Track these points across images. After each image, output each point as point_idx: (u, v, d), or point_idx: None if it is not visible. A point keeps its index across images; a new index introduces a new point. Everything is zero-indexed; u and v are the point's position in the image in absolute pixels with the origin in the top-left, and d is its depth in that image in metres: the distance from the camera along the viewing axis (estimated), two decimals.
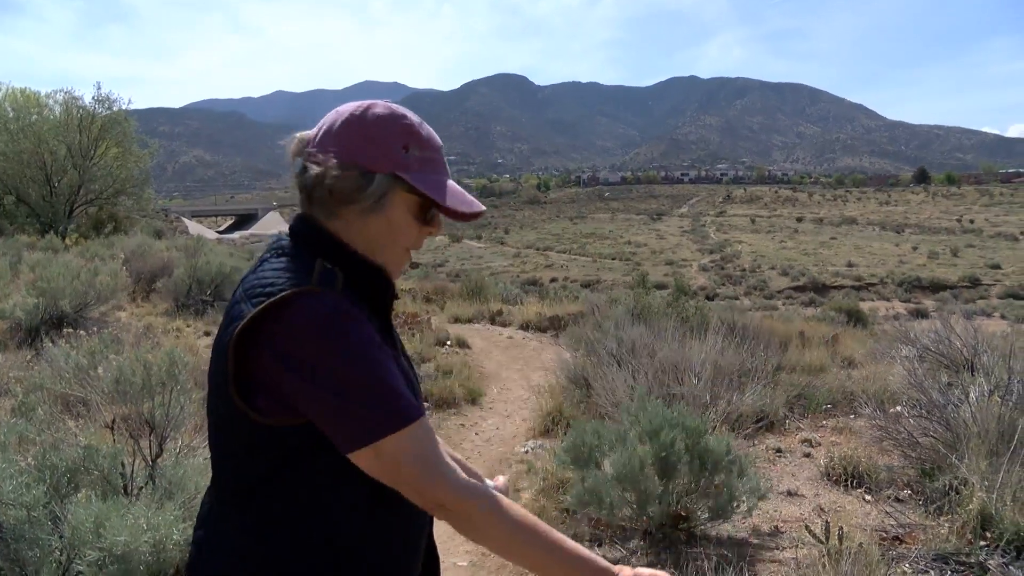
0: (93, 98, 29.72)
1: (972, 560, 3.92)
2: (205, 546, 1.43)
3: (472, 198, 1.50)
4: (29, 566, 2.90)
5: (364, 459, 1.30)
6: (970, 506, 4.18)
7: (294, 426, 1.31)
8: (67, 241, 23.45)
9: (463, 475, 1.35)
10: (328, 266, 1.37)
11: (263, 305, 1.29)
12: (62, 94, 29.83)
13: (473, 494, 1.33)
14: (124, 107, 30.77)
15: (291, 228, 1.48)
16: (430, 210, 1.47)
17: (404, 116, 1.46)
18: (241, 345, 1.31)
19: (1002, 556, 3.89)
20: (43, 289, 8.87)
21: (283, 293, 1.30)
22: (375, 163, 1.40)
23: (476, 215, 1.49)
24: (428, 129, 1.48)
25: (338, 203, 1.42)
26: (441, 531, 5.05)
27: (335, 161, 1.40)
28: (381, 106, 1.45)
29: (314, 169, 1.41)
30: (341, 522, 1.37)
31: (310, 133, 1.47)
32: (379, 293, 1.47)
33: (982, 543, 4.04)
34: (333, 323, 1.28)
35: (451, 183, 1.49)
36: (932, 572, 3.91)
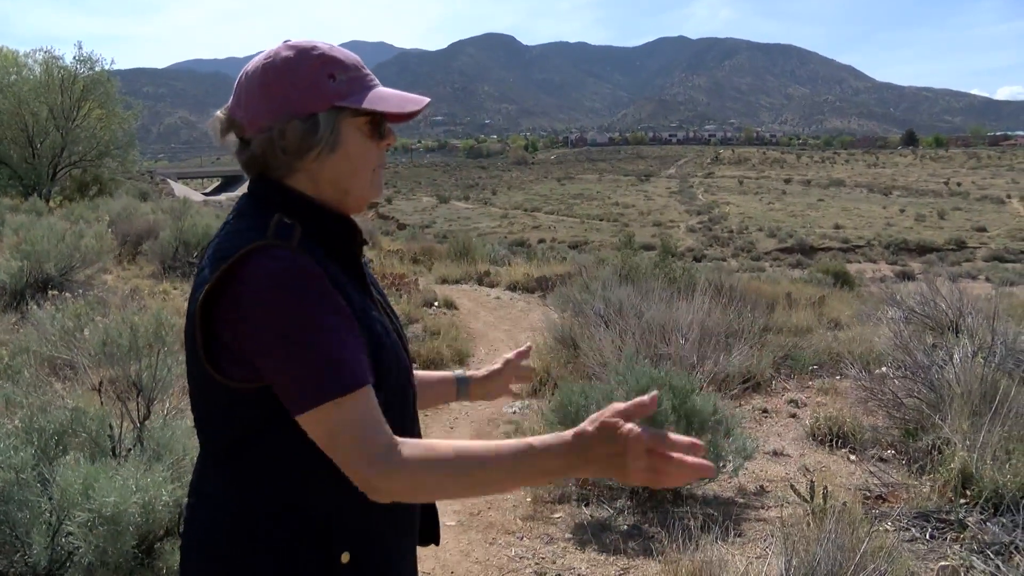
0: (74, 58, 29.22)
1: (952, 517, 3.99)
2: (195, 513, 1.43)
3: (411, 95, 1.46)
4: (20, 527, 2.91)
5: (306, 424, 1.27)
6: (952, 465, 4.24)
7: (262, 388, 1.30)
8: (51, 204, 23.24)
9: (401, 450, 1.26)
10: (285, 220, 1.34)
11: (221, 269, 1.28)
12: (42, 54, 29.31)
13: (398, 463, 1.25)
14: (106, 67, 30.26)
15: (249, 189, 1.46)
16: (381, 124, 1.44)
17: (314, 47, 1.41)
18: (207, 310, 1.30)
19: (981, 513, 3.96)
20: (27, 252, 8.80)
21: (238, 252, 1.28)
22: (311, 105, 1.37)
23: (423, 109, 1.46)
24: (341, 50, 1.44)
25: (295, 158, 1.38)
26: None
27: (273, 120, 1.36)
28: (286, 48, 1.41)
29: (259, 138, 1.38)
30: (327, 487, 1.34)
31: (229, 106, 1.44)
32: (343, 240, 1.44)
33: (962, 501, 4.10)
34: (284, 282, 1.26)
35: (384, 89, 1.45)
36: (914, 530, 3.97)
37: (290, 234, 1.32)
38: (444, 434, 6.24)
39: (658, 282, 9.42)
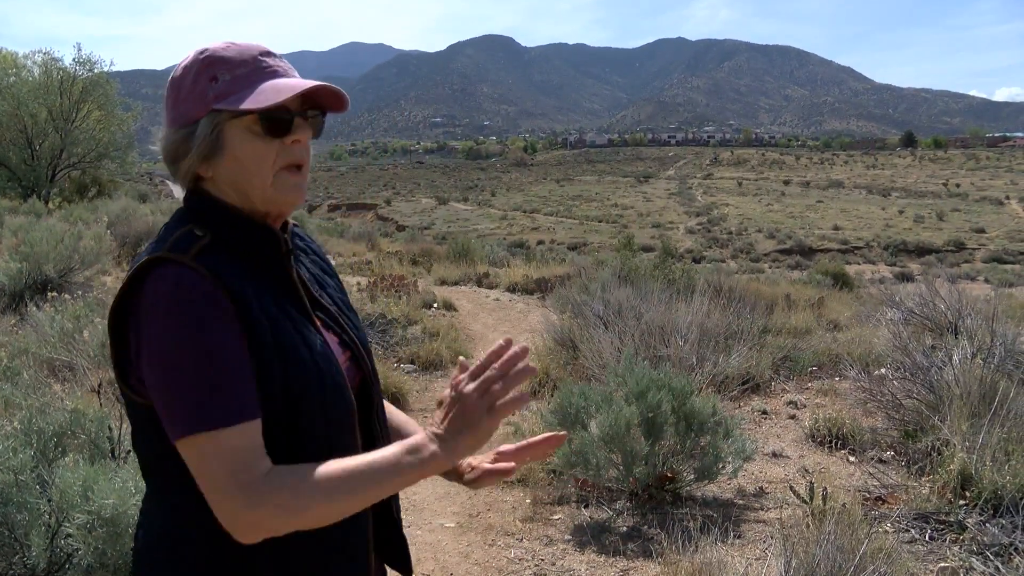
0: (74, 59, 29.19)
1: (952, 519, 3.99)
2: (137, 530, 1.42)
3: (292, 81, 1.34)
4: (19, 529, 2.90)
5: (180, 451, 1.23)
6: (951, 466, 4.24)
7: None
8: (50, 205, 23.22)
9: (271, 478, 1.22)
10: (195, 232, 1.31)
11: (123, 282, 1.27)
12: (41, 55, 29.27)
13: (262, 500, 1.20)
14: (106, 69, 30.24)
15: (183, 199, 1.43)
16: (274, 122, 1.33)
17: (205, 50, 1.36)
18: (117, 322, 1.29)
19: (980, 514, 3.96)
20: (26, 254, 8.79)
21: (133, 270, 1.26)
22: (193, 112, 1.33)
23: (322, 93, 1.37)
24: (239, 46, 1.36)
25: (174, 163, 1.37)
26: (428, 493, 5.05)
27: (168, 130, 1.36)
28: (189, 55, 1.37)
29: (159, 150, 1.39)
30: None
31: None
32: (262, 250, 1.38)
33: (961, 502, 4.10)
34: (169, 306, 1.22)
35: (275, 81, 1.34)
36: (913, 531, 3.97)
37: (188, 247, 1.28)
38: None
39: (657, 283, 9.43)
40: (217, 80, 1.32)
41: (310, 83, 1.35)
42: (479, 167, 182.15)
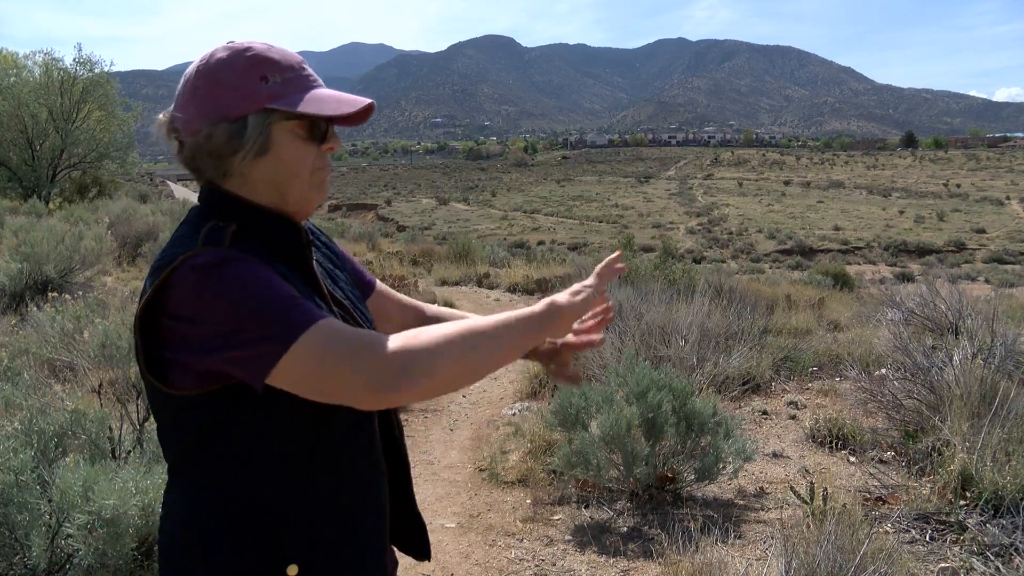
0: (74, 60, 29.24)
1: (952, 519, 3.99)
2: (162, 524, 1.43)
3: (350, 96, 1.41)
4: (19, 529, 2.90)
5: (283, 382, 1.24)
6: (951, 467, 4.23)
7: (206, 395, 1.29)
8: (50, 205, 23.24)
9: (393, 341, 1.27)
10: (219, 224, 1.33)
11: (156, 281, 1.27)
12: (41, 55, 29.33)
13: (408, 355, 1.25)
14: (106, 69, 30.28)
15: (198, 197, 1.45)
16: (317, 128, 1.39)
17: (248, 49, 1.37)
18: (147, 320, 1.29)
19: (980, 515, 3.96)
20: (27, 254, 8.80)
21: (172, 264, 1.26)
22: (241, 107, 1.34)
23: (366, 111, 1.41)
24: (280, 50, 1.40)
25: (221, 159, 1.36)
26: (429, 493, 5.05)
27: (203, 123, 1.35)
28: (222, 49, 1.38)
29: (190, 141, 1.37)
30: (270, 488, 1.34)
31: (171, 108, 1.41)
32: (285, 240, 1.41)
33: (962, 503, 4.10)
34: (210, 270, 1.24)
35: (323, 91, 1.40)
36: (913, 531, 3.97)
37: (220, 237, 1.30)
38: (444, 436, 6.24)
39: (658, 284, 9.43)
40: (268, 80, 1.35)
41: (366, 100, 1.41)
42: (479, 167, 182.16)
